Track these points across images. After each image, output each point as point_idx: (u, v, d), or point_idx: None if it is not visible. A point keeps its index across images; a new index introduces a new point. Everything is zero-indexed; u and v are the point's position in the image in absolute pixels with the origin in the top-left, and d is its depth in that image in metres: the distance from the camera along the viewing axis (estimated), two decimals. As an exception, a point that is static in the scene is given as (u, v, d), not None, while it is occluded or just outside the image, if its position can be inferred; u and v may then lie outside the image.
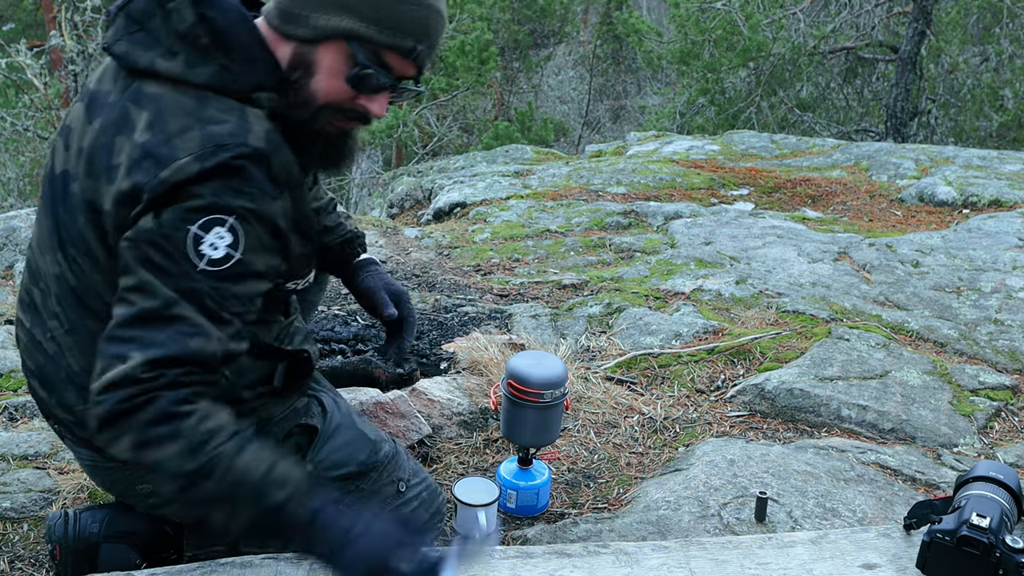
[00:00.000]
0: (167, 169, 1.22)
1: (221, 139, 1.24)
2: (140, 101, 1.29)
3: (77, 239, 1.35)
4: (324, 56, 1.33)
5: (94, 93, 1.37)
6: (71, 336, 1.41)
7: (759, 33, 10.47)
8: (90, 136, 1.33)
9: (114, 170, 1.26)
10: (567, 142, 15.80)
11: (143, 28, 1.32)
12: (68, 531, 1.62)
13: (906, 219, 4.67)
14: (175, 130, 1.24)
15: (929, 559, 1.41)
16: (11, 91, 12.46)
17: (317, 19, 1.31)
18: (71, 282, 1.38)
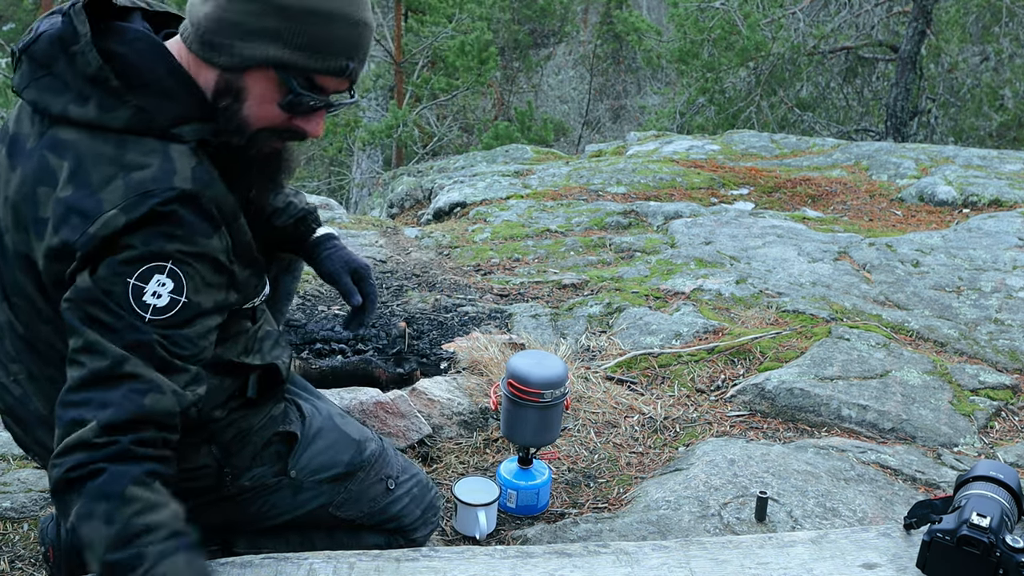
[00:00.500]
0: (94, 224, 1.17)
1: (145, 185, 1.19)
2: (57, 149, 1.24)
3: (18, 290, 1.31)
4: (253, 83, 1.29)
5: (14, 136, 1.31)
6: (33, 382, 1.39)
7: (758, 32, 10.47)
8: (14, 186, 1.28)
9: (41, 224, 1.22)
10: (567, 142, 15.81)
11: (50, 72, 1.25)
12: (61, 534, 1.62)
13: (906, 219, 4.67)
14: (98, 182, 1.20)
15: (929, 559, 1.41)
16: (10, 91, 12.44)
17: (242, 48, 1.25)
18: (19, 330, 1.35)
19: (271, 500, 1.58)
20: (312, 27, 1.25)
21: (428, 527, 1.79)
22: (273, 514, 1.60)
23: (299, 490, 1.61)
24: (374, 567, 1.43)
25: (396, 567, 1.44)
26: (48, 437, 1.40)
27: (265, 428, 1.57)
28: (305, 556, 1.46)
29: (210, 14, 1.25)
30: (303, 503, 1.62)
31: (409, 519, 1.75)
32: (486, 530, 1.92)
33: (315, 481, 1.62)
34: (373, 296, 1.82)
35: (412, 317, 3.03)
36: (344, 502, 1.67)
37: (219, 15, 1.24)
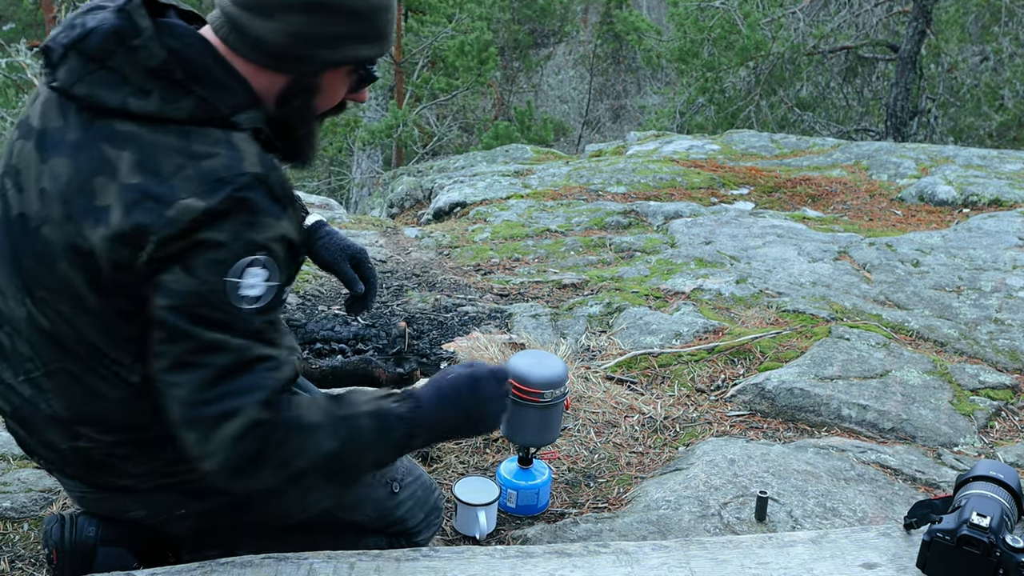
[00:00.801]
0: (171, 209, 1.20)
1: (218, 173, 1.22)
2: (115, 141, 1.25)
3: (52, 283, 1.30)
4: (328, 80, 1.38)
5: (41, 131, 1.31)
6: (51, 379, 1.37)
7: (757, 32, 10.48)
8: (52, 178, 1.28)
9: (101, 212, 1.23)
10: (567, 142, 15.81)
11: (104, 66, 1.26)
12: (65, 535, 1.62)
13: (906, 218, 4.67)
14: (168, 171, 1.22)
15: (929, 558, 1.41)
16: (11, 91, 12.46)
17: (325, 55, 1.33)
18: (44, 326, 1.33)
19: (280, 502, 1.58)
20: (377, 20, 1.36)
21: (431, 530, 1.79)
22: (281, 516, 1.60)
23: (308, 493, 1.61)
24: (374, 567, 1.43)
25: (396, 567, 1.44)
26: (58, 438, 1.40)
27: None
28: (305, 556, 1.46)
29: (283, 30, 1.29)
30: (311, 504, 1.62)
31: (413, 522, 1.75)
32: (486, 530, 1.92)
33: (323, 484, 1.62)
34: (373, 280, 1.84)
35: (412, 317, 3.04)
36: (351, 505, 1.67)
37: (295, 30, 1.30)
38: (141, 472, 1.44)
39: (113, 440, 1.40)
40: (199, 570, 1.43)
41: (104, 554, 1.61)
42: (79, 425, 1.38)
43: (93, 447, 1.40)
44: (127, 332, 1.28)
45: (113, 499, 1.50)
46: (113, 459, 1.42)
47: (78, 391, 1.33)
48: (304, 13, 1.29)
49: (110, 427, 1.38)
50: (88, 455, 1.41)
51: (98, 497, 1.51)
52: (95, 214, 1.23)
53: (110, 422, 1.38)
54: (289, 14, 1.29)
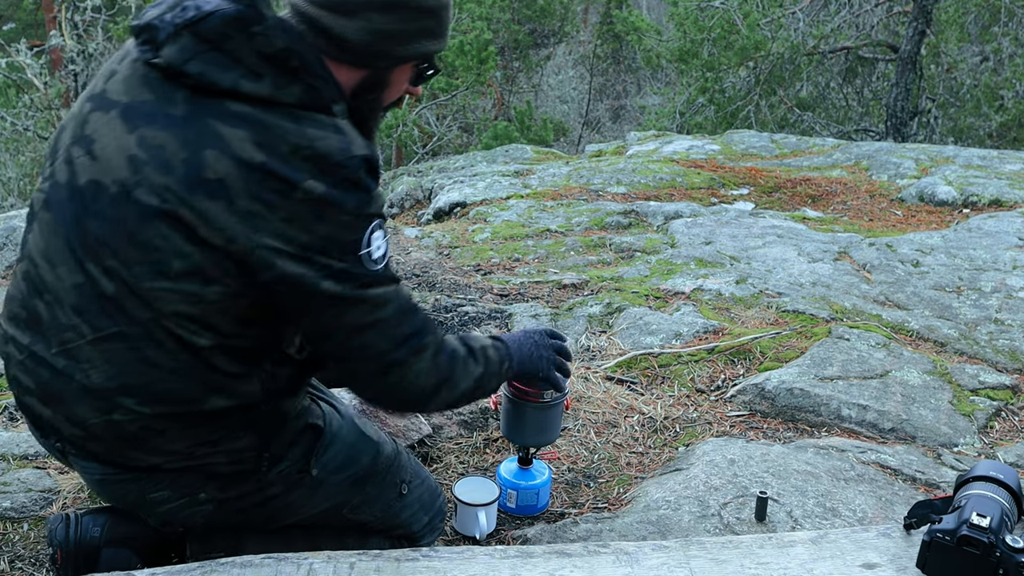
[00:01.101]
0: (297, 191, 1.29)
1: (333, 156, 1.32)
2: (227, 119, 1.31)
3: (129, 247, 1.33)
4: (398, 74, 1.49)
5: (128, 105, 1.36)
6: (96, 346, 1.37)
7: (757, 32, 10.47)
8: (146, 147, 1.33)
9: (216, 185, 1.29)
10: (567, 142, 15.81)
11: (217, 48, 1.32)
12: (69, 535, 1.62)
13: (906, 219, 4.67)
14: (287, 151, 1.30)
15: (929, 559, 1.41)
16: (11, 91, 12.45)
17: (400, 51, 1.44)
18: (106, 291, 1.35)
19: (290, 497, 1.59)
20: (443, 16, 1.47)
21: (434, 534, 1.79)
22: (290, 512, 1.60)
23: (318, 489, 1.61)
24: (374, 567, 1.43)
25: (396, 567, 1.44)
26: (90, 412, 1.39)
27: (297, 418, 1.58)
28: (305, 556, 1.46)
29: (365, 27, 1.39)
30: (320, 502, 1.62)
31: (417, 526, 1.76)
32: (486, 530, 1.92)
33: (335, 481, 1.63)
34: None
35: (412, 317, 3.03)
36: (360, 504, 1.67)
37: (375, 28, 1.39)
38: (173, 449, 1.43)
39: (153, 413, 1.39)
40: (199, 570, 1.43)
41: (108, 555, 1.61)
42: (120, 395, 1.38)
43: (129, 420, 1.39)
44: (213, 296, 1.34)
45: (136, 481, 1.48)
46: (147, 433, 1.40)
47: (129, 359, 1.35)
48: (383, 11, 1.39)
49: (154, 398, 1.38)
50: (121, 429, 1.40)
51: (121, 479, 1.49)
52: (207, 186, 1.29)
53: (156, 393, 1.38)
54: (370, 12, 1.38)
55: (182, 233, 1.31)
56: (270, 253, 1.31)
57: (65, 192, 1.40)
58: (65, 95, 13.15)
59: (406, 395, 1.49)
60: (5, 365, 1.50)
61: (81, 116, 1.42)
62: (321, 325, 1.40)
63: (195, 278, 1.32)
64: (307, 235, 1.32)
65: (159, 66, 1.34)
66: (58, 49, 13.07)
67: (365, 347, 1.41)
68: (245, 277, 1.33)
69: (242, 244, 1.31)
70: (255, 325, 1.40)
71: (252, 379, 1.44)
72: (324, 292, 1.34)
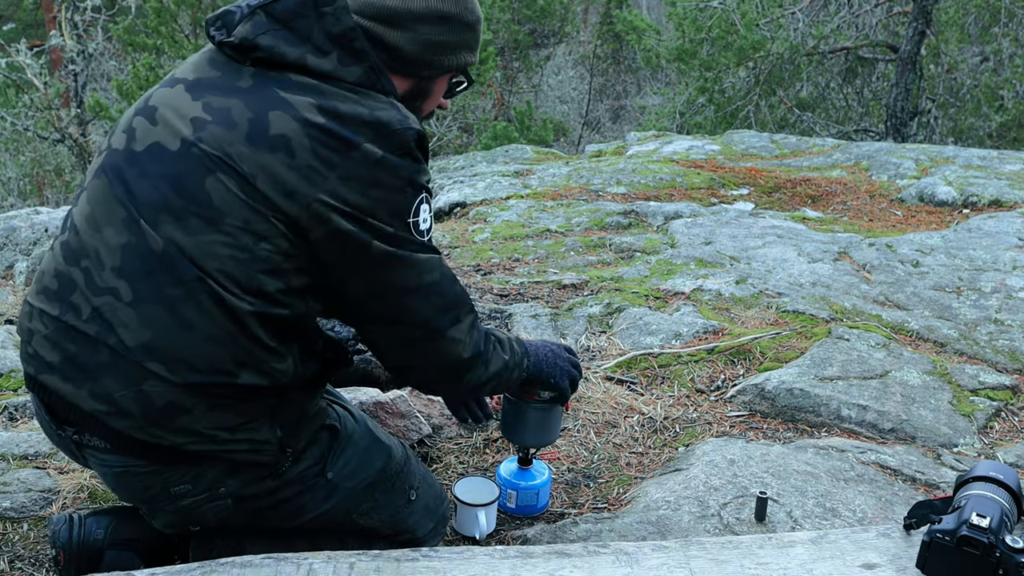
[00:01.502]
0: (356, 151, 1.37)
1: (392, 124, 1.40)
2: (292, 88, 1.39)
3: (186, 202, 1.38)
4: (439, 84, 1.60)
5: (195, 80, 1.46)
6: (136, 308, 1.38)
7: (755, 32, 10.47)
8: (211, 109, 1.40)
9: (279, 140, 1.36)
10: (567, 142, 15.81)
11: (287, 27, 1.42)
12: (73, 537, 1.61)
13: (906, 219, 4.67)
14: (348, 114, 1.38)
15: (929, 559, 1.41)
16: (11, 91, 12.45)
17: (443, 60, 1.55)
18: (155, 248, 1.38)
19: (304, 499, 1.59)
20: (479, 31, 1.59)
21: (437, 539, 1.80)
22: (302, 514, 1.60)
23: (331, 493, 1.61)
24: (374, 567, 1.43)
25: (396, 567, 1.44)
26: (118, 383, 1.39)
27: (316, 417, 1.59)
28: (305, 556, 1.46)
29: (416, 38, 1.50)
30: (332, 506, 1.62)
31: (421, 532, 1.76)
32: (486, 530, 1.92)
33: (348, 486, 1.63)
34: None
35: (412, 317, 3.03)
36: (369, 510, 1.68)
37: (425, 39, 1.51)
38: (197, 429, 1.42)
39: (182, 383, 1.39)
40: (199, 570, 1.43)
41: (111, 557, 1.61)
42: (152, 361, 1.38)
43: (158, 391, 1.39)
44: (262, 253, 1.38)
45: (160, 474, 1.47)
46: (174, 410, 1.40)
47: (167, 322, 1.37)
48: (433, 24, 1.50)
49: (186, 365, 1.38)
50: (148, 403, 1.39)
51: (144, 472, 1.47)
52: (269, 141, 1.37)
53: (188, 360, 1.38)
54: (421, 25, 1.49)
55: (240, 185, 1.37)
56: (325, 209, 1.37)
57: (121, 157, 1.45)
58: (65, 95, 13.15)
59: (446, 363, 1.54)
60: (26, 344, 1.49)
61: (147, 95, 1.51)
62: (370, 284, 1.45)
63: (247, 233, 1.37)
64: (362, 197, 1.38)
65: (231, 44, 1.43)
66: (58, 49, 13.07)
67: (410, 310, 1.48)
68: (297, 236, 1.38)
69: (299, 199, 1.36)
70: (297, 294, 1.43)
71: (286, 358, 1.45)
72: (374, 250, 1.41)
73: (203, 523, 1.56)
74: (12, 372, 2.62)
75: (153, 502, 1.52)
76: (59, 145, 12.73)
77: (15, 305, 3.45)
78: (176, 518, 1.54)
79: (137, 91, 10.88)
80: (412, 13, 1.49)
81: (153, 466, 1.46)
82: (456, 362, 1.55)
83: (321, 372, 1.56)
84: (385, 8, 1.48)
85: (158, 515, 1.55)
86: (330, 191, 1.37)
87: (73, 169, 13.28)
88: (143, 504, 1.55)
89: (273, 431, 1.49)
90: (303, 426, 1.55)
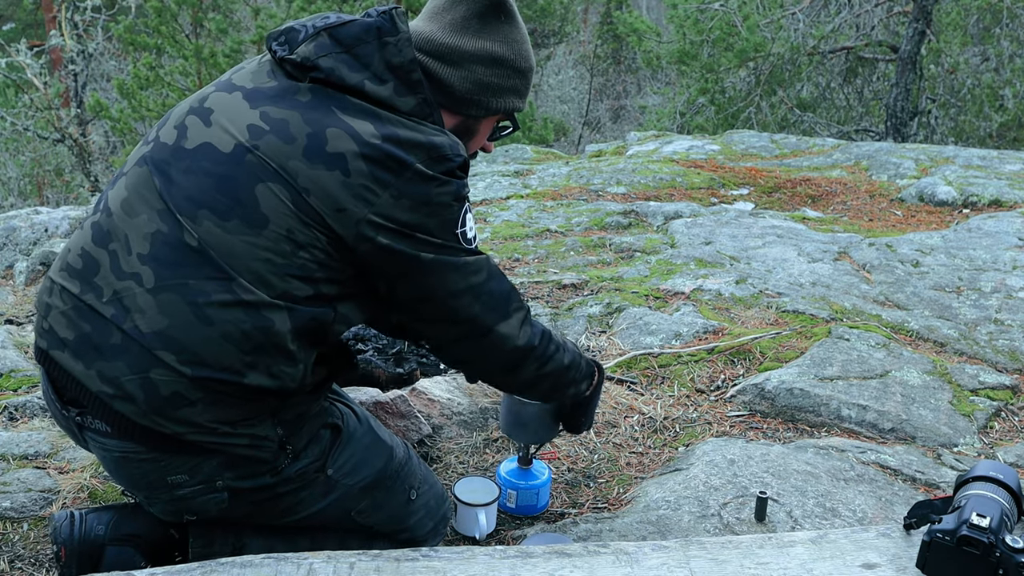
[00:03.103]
0: (408, 170, 1.42)
1: (444, 149, 1.47)
2: (350, 110, 1.44)
3: (232, 201, 1.41)
4: (485, 125, 1.66)
5: (253, 89, 1.50)
6: (155, 295, 1.40)
7: (756, 34, 10.47)
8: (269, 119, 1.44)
9: (336, 158, 1.41)
10: (567, 142, 15.81)
11: (350, 52, 1.47)
12: (74, 533, 1.61)
13: (906, 219, 4.67)
14: (405, 138, 1.43)
15: (929, 559, 1.41)
16: (11, 91, 12.45)
17: (492, 102, 1.60)
18: (189, 241, 1.41)
19: (302, 495, 1.59)
20: (530, 79, 1.66)
21: (437, 538, 1.80)
22: (299, 510, 1.61)
23: (331, 490, 1.62)
24: (374, 567, 1.43)
25: (396, 567, 1.44)
26: (127, 367, 1.40)
27: (318, 416, 1.60)
28: (305, 556, 1.46)
29: (468, 77, 1.57)
30: (331, 503, 1.63)
31: (422, 532, 1.76)
32: (486, 530, 1.92)
33: (347, 484, 1.63)
34: None
35: (412, 317, 3.02)
36: (368, 508, 1.68)
37: (477, 79, 1.57)
38: (198, 422, 1.43)
39: (191, 376, 1.40)
40: (199, 570, 1.43)
41: (112, 553, 1.61)
42: (164, 350, 1.39)
43: (165, 381, 1.40)
44: (299, 260, 1.42)
45: (158, 462, 1.48)
46: (178, 400, 1.41)
47: (186, 313, 1.39)
48: (486, 65, 1.57)
49: (197, 359, 1.40)
50: (154, 390, 1.40)
51: (143, 458, 1.48)
52: (326, 158, 1.41)
53: (201, 353, 1.40)
54: (474, 65, 1.56)
55: (292, 198, 1.41)
56: (373, 228, 1.42)
57: (169, 151, 1.48)
58: (65, 95, 13.15)
59: (498, 357, 1.60)
60: (41, 318, 1.51)
61: (202, 95, 1.54)
62: (420, 289, 1.51)
63: (288, 241, 1.41)
64: (412, 214, 1.44)
65: (291, 62, 1.47)
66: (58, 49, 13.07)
67: (459, 310, 1.53)
68: (338, 250, 1.43)
69: (349, 216, 1.41)
70: (325, 301, 1.47)
71: (298, 364, 1.47)
72: (424, 260, 1.47)
73: (199, 514, 1.56)
74: (12, 372, 2.62)
75: (150, 490, 1.53)
76: (59, 145, 12.73)
77: (15, 305, 3.45)
78: (172, 507, 1.55)
79: (137, 91, 10.89)
80: (467, 52, 1.55)
81: (152, 453, 1.46)
82: (508, 355, 1.60)
83: (326, 376, 1.58)
84: (442, 45, 1.54)
85: (155, 503, 1.56)
86: (380, 211, 1.42)
87: (73, 169, 13.28)
88: (140, 491, 1.56)
89: (274, 428, 1.50)
90: (304, 425, 1.56)
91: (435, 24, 1.56)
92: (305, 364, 1.48)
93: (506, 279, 1.60)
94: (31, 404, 2.38)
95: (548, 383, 1.72)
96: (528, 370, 1.65)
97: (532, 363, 1.64)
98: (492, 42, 1.57)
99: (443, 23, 1.56)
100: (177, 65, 11.23)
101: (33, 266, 3.69)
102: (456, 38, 1.55)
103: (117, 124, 11.24)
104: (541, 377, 1.68)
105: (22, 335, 2.98)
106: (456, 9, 1.56)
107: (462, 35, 1.55)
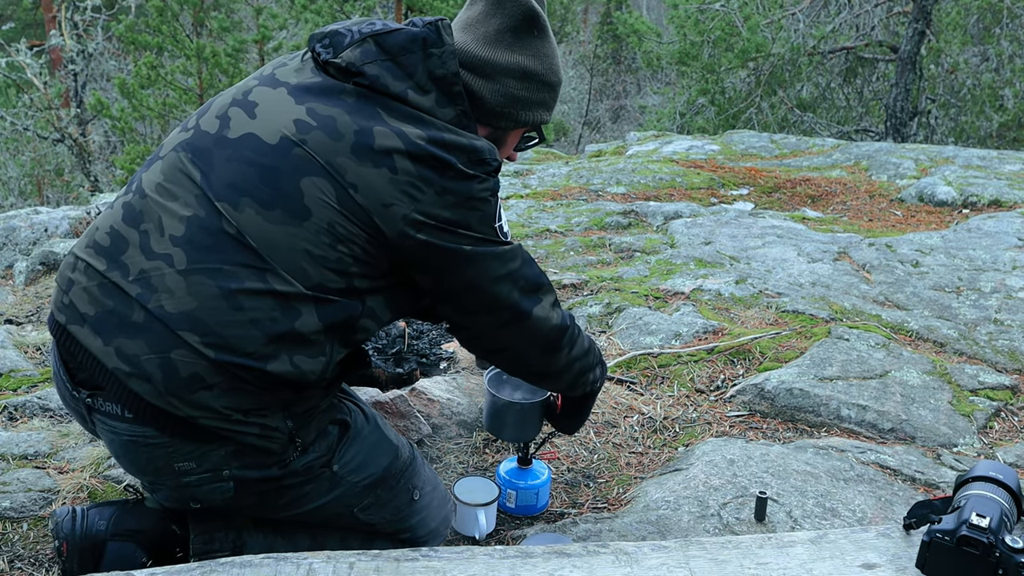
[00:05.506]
0: (451, 169, 1.47)
1: (483, 153, 1.52)
2: (394, 114, 1.48)
3: (275, 192, 1.44)
4: (512, 136, 1.69)
5: (298, 85, 1.53)
6: (186, 277, 1.42)
7: (757, 34, 10.47)
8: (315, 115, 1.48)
9: (382, 156, 1.45)
10: (567, 142, 15.81)
11: (395, 60, 1.50)
12: (76, 528, 1.62)
13: (906, 219, 4.67)
14: (448, 140, 1.48)
15: (929, 559, 1.41)
16: (11, 91, 12.45)
17: (521, 115, 1.64)
18: (226, 227, 1.43)
19: (307, 489, 1.59)
20: (558, 93, 1.69)
21: (438, 539, 1.80)
22: (303, 504, 1.61)
23: (335, 486, 1.62)
24: (374, 567, 1.43)
25: (396, 567, 1.44)
26: (148, 346, 1.41)
27: (327, 412, 1.61)
28: (304, 556, 1.46)
29: (500, 90, 1.60)
30: (334, 499, 1.63)
31: (423, 532, 1.76)
32: (486, 530, 1.92)
33: (352, 481, 1.64)
34: None
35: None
36: (371, 506, 1.68)
37: (508, 92, 1.61)
38: (214, 406, 1.43)
39: (214, 359, 1.40)
40: (199, 570, 1.43)
41: (114, 548, 1.62)
42: (188, 331, 1.40)
43: (186, 362, 1.41)
44: (336, 254, 1.45)
45: (166, 447, 1.47)
46: (197, 381, 1.41)
47: (215, 297, 1.41)
48: (517, 79, 1.60)
49: (222, 343, 1.41)
50: (173, 369, 1.41)
51: (151, 443, 1.47)
52: (374, 156, 1.45)
53: (227, 337, 1.41)
54: (506, 78, 1.59)
55: (337, 193, 1.44)
56: (416, 226, 1.46)
57: (211, 140, 1.51)
58: (65, 95, 13.16)
59: (536, 340, 1.65)
60: (62, 292, 1.51)
61: (245, 88, 1.57)
62: (462, 279, 1.55)
63: (329, 234, 1.44)
64: (454, 211, 1.49)
65: (336, 65, 1.50)
66: (58, 49, 13.08)
67: (499, 296, 1.58)
68: (377, 247, 1.47)
69: (393, 213, 1.45)
70: (356, 294, 1.49)
71: (319, 356, 1.48)
72: (466, 253, 1.52)
73: (204, 502, 1.56)
74: (12, 372, 2.62)
75: (156, 475, 1.52)
76: (59, 145, 12.74)
77: (15, 305, 3.45)
78: (177, 494, 1.55)
79: (139, 90, 10.89)
80: (500, 66, 1.58)
81: (162, 438, 1.46)
82: (545, 337, 1.65)
83: (340, 373, 1.59)
84: (476, 58, 1.57)
85: (159, 489, 1.56)
86: (424, 208, 1.46)
87: (73, 169, 13.28)
88: (146, 477, 1.55)
89: (285, 421, 1.51)
90: (314, 419, 1.57)
91: (469, 36, 1.59)
92: (329, 359, 1.50)
93: (536, 264, 1.64)
94: (31, 404, 2.39)
95: (577, 368, 1.76)
96: (563, 352, 1.70)
97: (566, 344, 1.69)
98: (525, 56, 1.60)
99: (477, 35, 1.59)
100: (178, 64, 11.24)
101: (33, 266, 3.69)
102: (490, 51, 1.58)
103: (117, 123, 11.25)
104: (572, 360, 1.73)
105: (22, 335, 2.98)
106: (490, 22, 1.59)
107: (496, 48, 1.58)
